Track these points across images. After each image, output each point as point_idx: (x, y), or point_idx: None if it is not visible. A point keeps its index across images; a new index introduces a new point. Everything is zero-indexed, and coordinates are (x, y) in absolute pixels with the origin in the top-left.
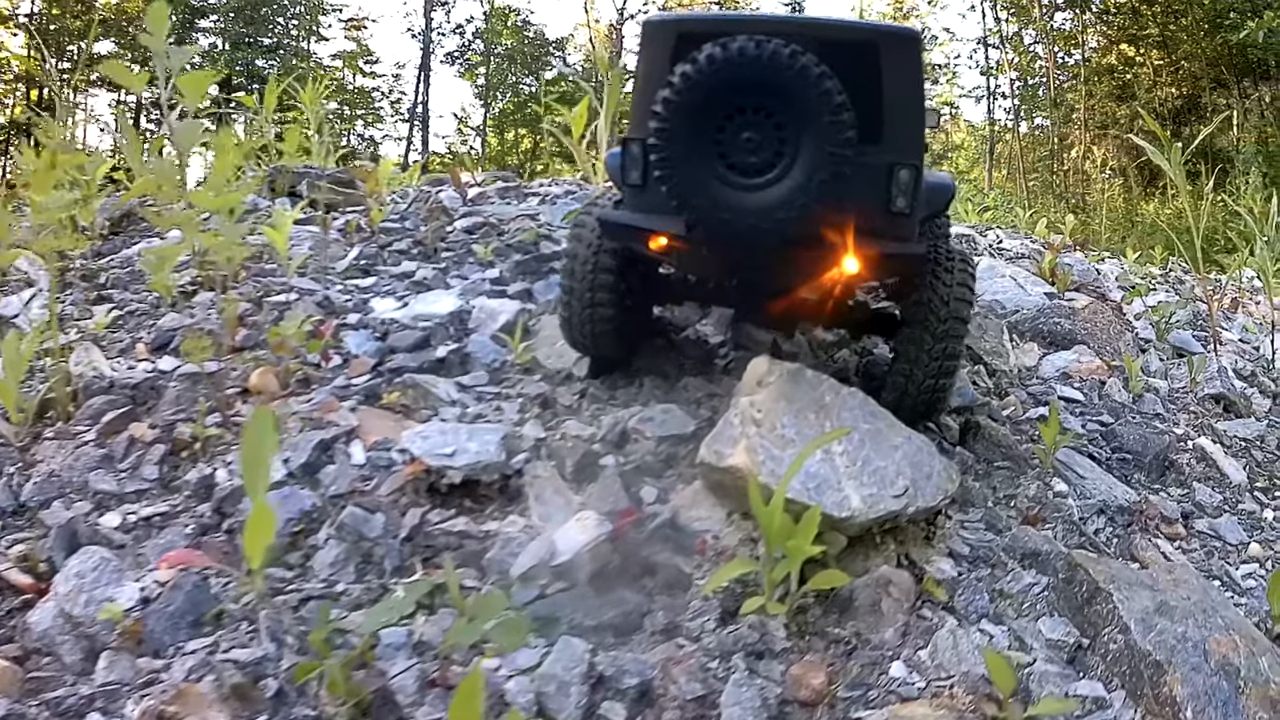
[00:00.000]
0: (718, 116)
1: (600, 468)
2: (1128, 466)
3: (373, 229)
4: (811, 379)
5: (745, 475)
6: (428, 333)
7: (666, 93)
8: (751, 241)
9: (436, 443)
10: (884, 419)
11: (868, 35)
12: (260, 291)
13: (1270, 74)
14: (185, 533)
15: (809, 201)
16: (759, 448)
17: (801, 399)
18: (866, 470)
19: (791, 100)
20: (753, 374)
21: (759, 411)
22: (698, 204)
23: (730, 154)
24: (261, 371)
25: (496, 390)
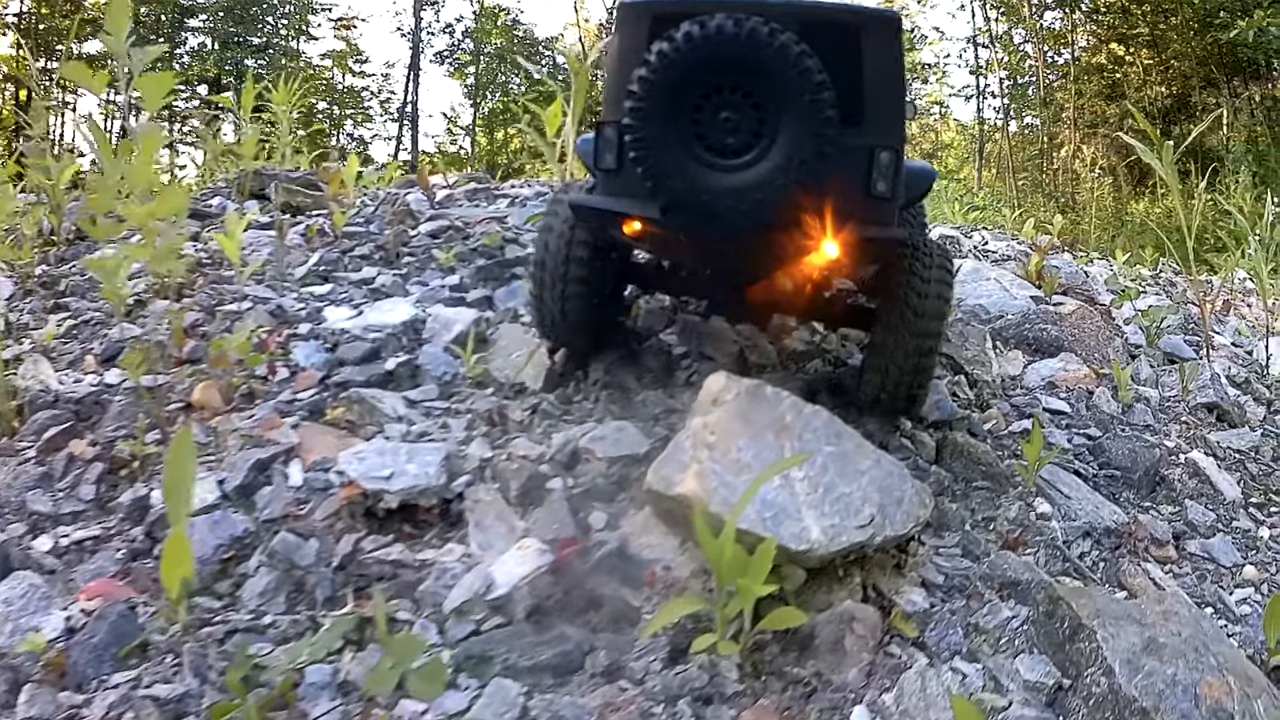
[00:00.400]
0: (695, 96)
1: (547, 491)
2: (1116, 484)
3: (335, 233)
4: (772, 397)
5: (694, 504)
6: (378, 344)
7: (643, 72)
8: (729, 224)
9: (374, 464)
10: (851, 440)
11: (848, 17)
12: (214, 300)
13: (1260, 73)
14: (116, 557)
15: (788, 183)
16: (711, 473)
17: (760, 419)
18: (829, 498)
19: (770, 79)
20: (708, 392)
21: (712, 433)
22: (674, 186)
23: (708, 134)
24: (205, 386)
25: (445, 405)
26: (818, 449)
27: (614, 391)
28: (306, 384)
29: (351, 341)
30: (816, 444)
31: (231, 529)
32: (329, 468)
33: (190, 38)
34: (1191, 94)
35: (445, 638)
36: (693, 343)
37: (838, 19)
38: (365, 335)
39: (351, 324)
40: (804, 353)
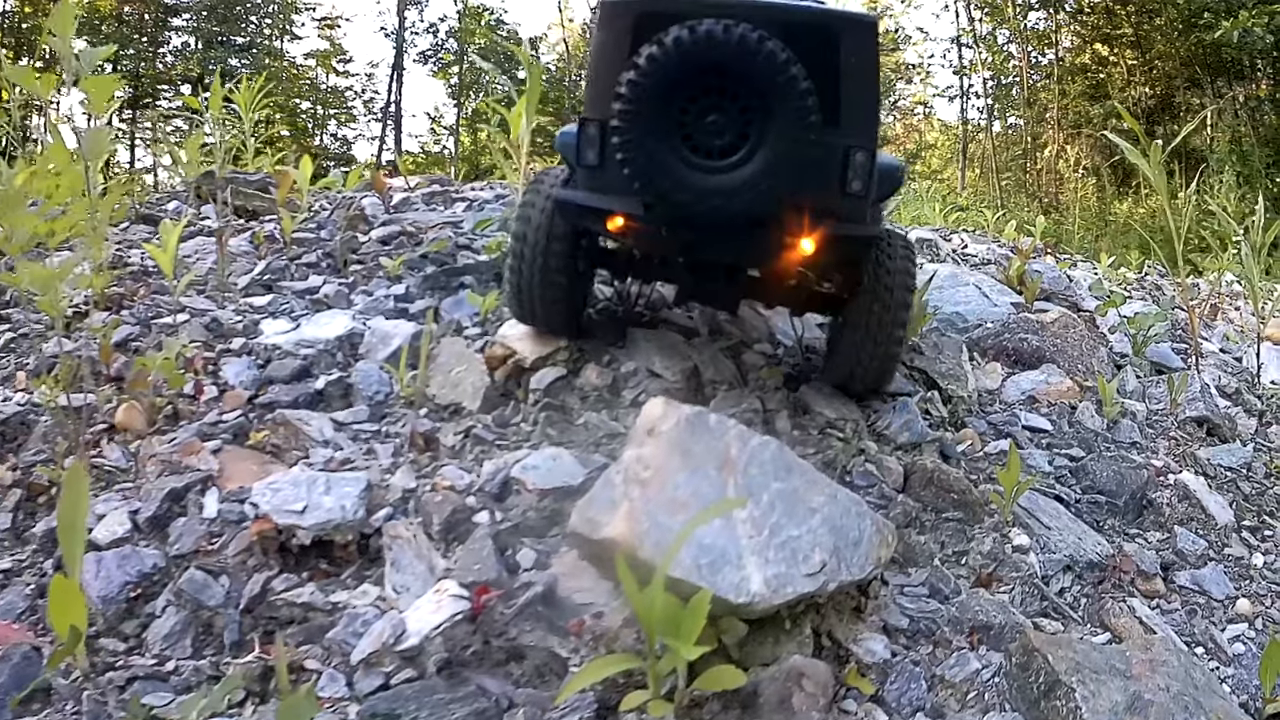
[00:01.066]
0: (682, 99)
1: (473, 525)
2: (1100, 510)
3: (285, 240)
4: (715, 426)
5: (622, 550)
6: (310, 360)
7: (632, 74)
8: (713, 223)
9: (288, 496)
10: (803, 474)
11: (827, 20)
12: (151, 313)
13: (1243, 74)
14: (26, 593)
15: (773, 185)
16: (643, 514)
17: (701, 451)
18: (775, 541)
19: (757, 84)
20: (645, 420)
21: (646, 468)
22: (661, 186)
23: (694, 136)
24: (127, 408)
25: (375, 428)
26: (764, 485)
27: (554, 413)
28: (233, 404)
29: (283, 358)
30: (764, 479)
31: (140, 565)
32: (245, 498)
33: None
34: (1175, 94)
35: (353, 690)
36: (641, 358)
37: (817, 22)
38: (297, 351)
39: (286, 338)
40: (763, 367)
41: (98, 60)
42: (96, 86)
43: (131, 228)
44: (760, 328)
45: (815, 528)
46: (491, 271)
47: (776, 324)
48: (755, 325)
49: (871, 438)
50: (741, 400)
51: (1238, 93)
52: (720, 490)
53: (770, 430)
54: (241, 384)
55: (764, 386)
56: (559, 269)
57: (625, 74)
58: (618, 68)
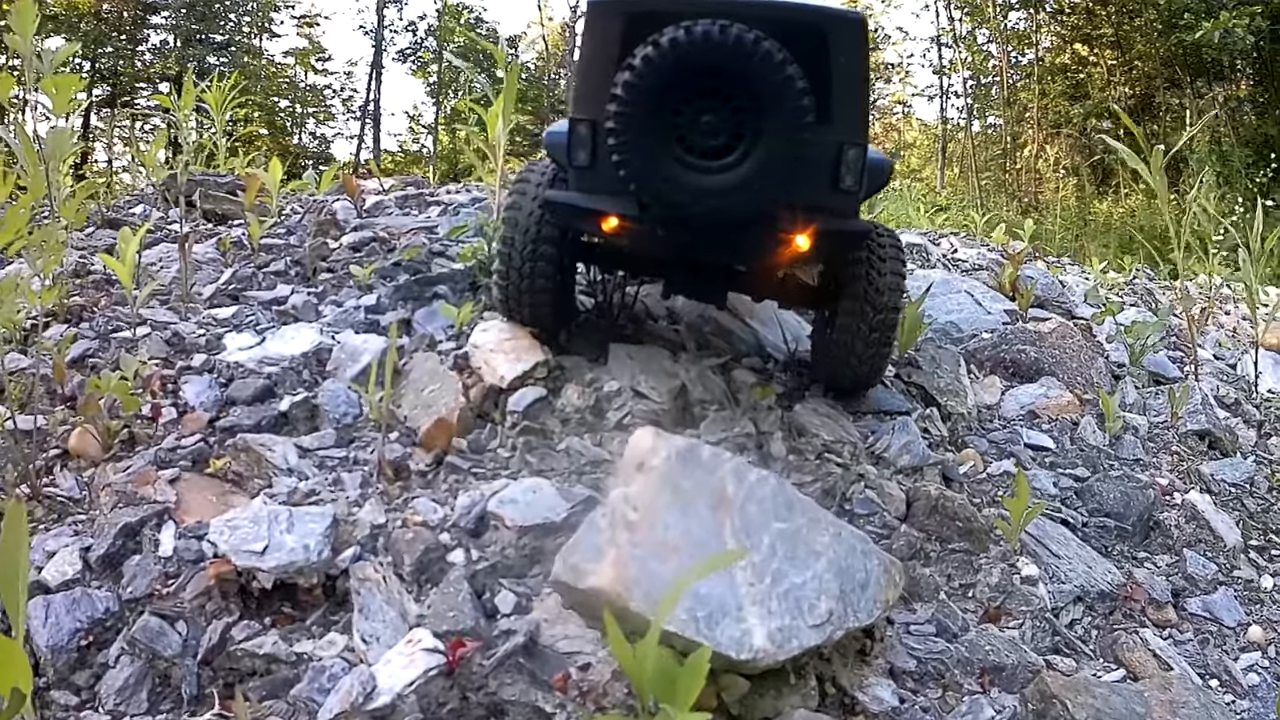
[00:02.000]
0: (677, 100)
1: (447, 565)
2: (1109, 534)
3: (253, 246)
4: (709, 460)
5: (612, 601)
6: (274, 379)
7: (627, 75)
8: (708, 223)
9: (247, 535)
10: (805, 512)
11: (816, 17)
12: (110, 326)
13: (1223, 74)
14: None
15: (768, 184)
16: (632, 560)
17: (694, 489)
18: (778, 590)
19: (753, 85)
20: (633, 453)
21: (635, 508)
22: (656, 187)
23: (689, 137)
24: (80, 432)
25: (342, 454)
26: (764, 526)
27: (533, 438)
28: (193, 428)
29: (245, 376)
30: (763, 519)
31: (92, 609)
32: (203, 534)
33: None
34: (1155, 94)
35: None
36: (625, 376)
37: (807, 20)
38: (260, 369)
39: (249, 355)
40: (754, 385)
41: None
42: (58, 87)
43: (96, 232)
44: (749, 340)
45: (820, 573)
46: (467, 281)
47: (766, 336)
48: (743, 338)
49: (870, 460)
50: (734, 423)
51: (1217, 93)
52: (716, 532)
53: (765, 455)
54: (202, 405)
55: (756, 406)
56: (547, 268)
57: (620, 75)
58: (607, 67)
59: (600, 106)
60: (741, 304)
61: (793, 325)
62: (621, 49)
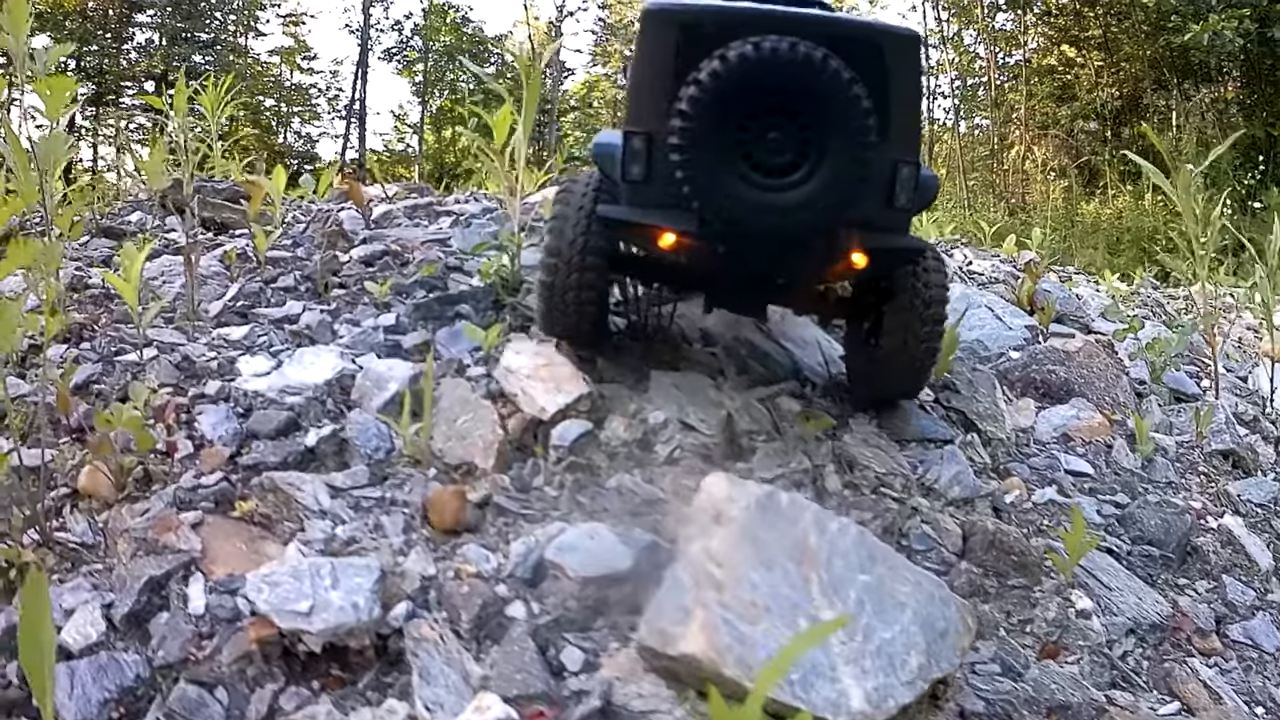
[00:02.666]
0: (743, 116)
1: (508, 620)
2: (1153, 563)
3: (259, 259)
4: (788, 509)
5: (705, 669)
6: (297, 410)
7: (693, 91)
8: (772, 240)
9: (288, 592)
10: (885, 561)
11: (875, 34)
12: (114, 347)
13: (1210, 76)
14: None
15: (831, 202)
16: (722, 623)
17: (776, 542)
18: (869, 648)
19: (821, 104)
20: (709, 502)
21: (718, 565)
22: (720, 204)
23: (754, 154)
24: (90, 471)
25: (378, 495)
26: (849, 580)
27: (581, 475)
28: (212, 463)
29: (266, 407)
30: (848, 573)
31: (121, 676)
32: (236, 588)
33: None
34: (1143, 96)
35: None
36: (670, 406)
37: (867, 36)
38: (282, 399)
39: (267, 383)
40: (799, 412)
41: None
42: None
43: (92, 242)
44: (786, 363)
45: (907, 625)
46: (489, 299)
47: (802, 359)
48: (780, 361)
49: (921, 492)
50: (787, 457)
51: (1204, 95)
52: (803, 589)
53: (820, 491)
54: (220, 439)
55: (804, 437)
56: (593, 281)
57: (686, 89)
58: (663, 79)
59: (655, 119)
60: (775, 324)
61: (827, 347)
62: (678, 61)
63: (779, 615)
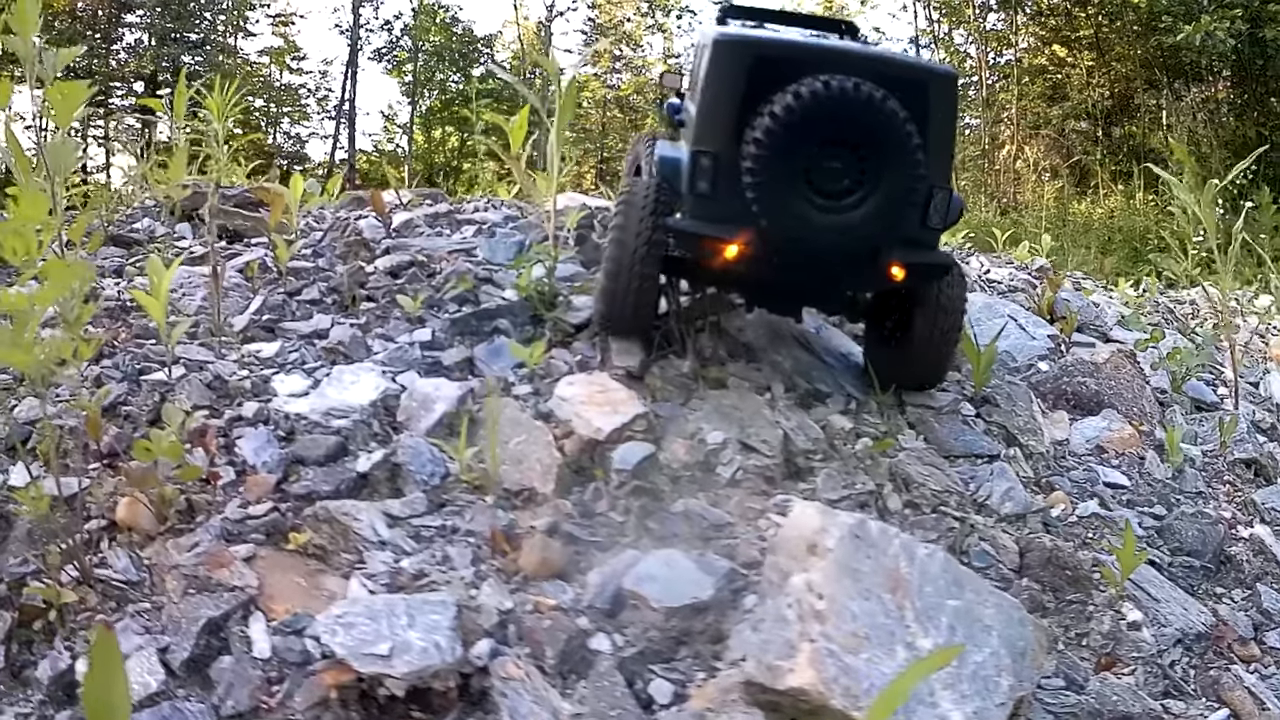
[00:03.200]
0: (811, 145)
1: (592, 654)
2: (1194, 574)
3: (280, 270)
4: (879, 538)
5: (813, 700)
6: (344, 434)
7: (768, 122)
8: (829, 255)
9: (365, 634)
10: (970, 584)
11: (921, 73)
12: (138, 364)
13: (1201, 76)
14: None
15: (881, 223)
16: (827, 655)
17: (870, 571)
18: (964, 672)
19: (878, 138)
20: (800, 533)
21: (820, 596)
22: (786, 222)
23: (816, 179)
24: (129, 502)
25: (439, 523)
26: (940, 606)
27: (645, 499)
28: (258, 491)
29: (310, 431)
30: (938, 599)
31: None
32: (303, 628)
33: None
34: (1134, 95)
35: None
36: (726, 426)
37: (913, 75)
38: (327, 423)
39: (308, 406)
40: (852, 430)
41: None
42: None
43: (101, 250)
44: (829, 379)
45: (995, 648)
46: (526, 314)
47: (844, 373)
48: (824, 376)
49: (975, 509)
50: (849, 478)
51: (1195, 95)
52: (899, 617)
53: (883, 511)
54: (265, 465)
55: (859, 456)
56: (651, 287)
57: (760, 120)
58: (732, 105)
59: (723, 141)
60: (814, 338)
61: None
62: (748, 88)
63: (878, 644)
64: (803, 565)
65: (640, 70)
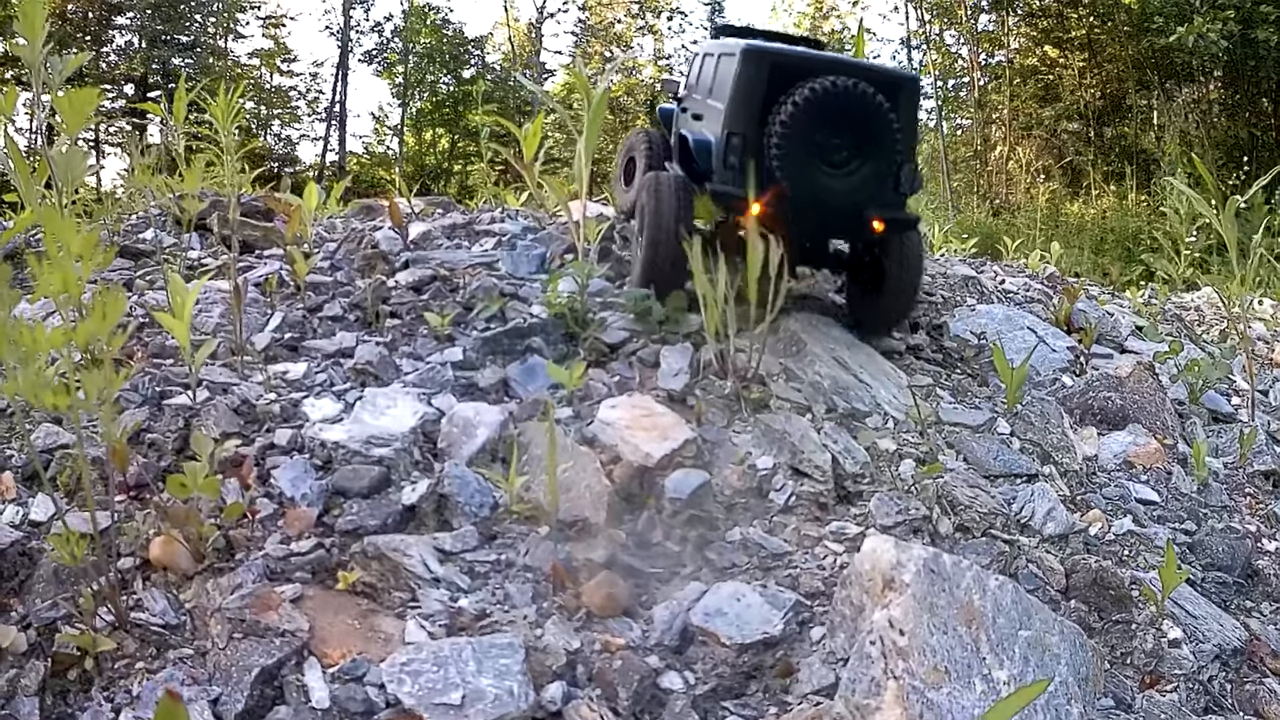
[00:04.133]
0: (820, 127)
1: (664, 693)
2: (1226, 589)
3: (298, 284)
4: (952, 570)
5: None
6: (386, 464)
7: (790, 109)
8: (828, 211)
9: (432, 681)
10: (1038, 614)
11: (896, 77)
12: (159, 386)
13: (1193, 76)
14: None
15: (869, 187)
16: (912, 692)
17: (946, 605)
18: (1039, 701)
19: (869, 124)
20: (875, 565)
21: (901, 632)
22: (803, 185)
23: (824, 153)
24: (164, 541)
25: (494, 558)
26: (1013, 637)
27: (700, 528)
28: (299, 526)
29: (350, 461)
30: (1011, 630)
31: None
32: (362, 675)
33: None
34: (1126, 96)
35: None
36: (776, 450)
37: (891, 79)
38: (367, 451)
39: (345, 433)
40: (895, 451)
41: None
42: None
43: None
44: (865, 398)
45: (1064, 676)
46: (559, 332)
47: (879, 392)
48: (860, 395)
49: (1018, 530)
50: (901, 502)
51: (1187, 95)
52: (975, 650)
53: (936, 536)
54: (304, 498)
55: (902, 477)
56: (685, 252)
57: (784, 108)
58: (756, 99)
59: (749, 125)
60: (850, 362)
61: (895, 376)
62: (768, 87)
63: (958, 678)
64: (881, 601)
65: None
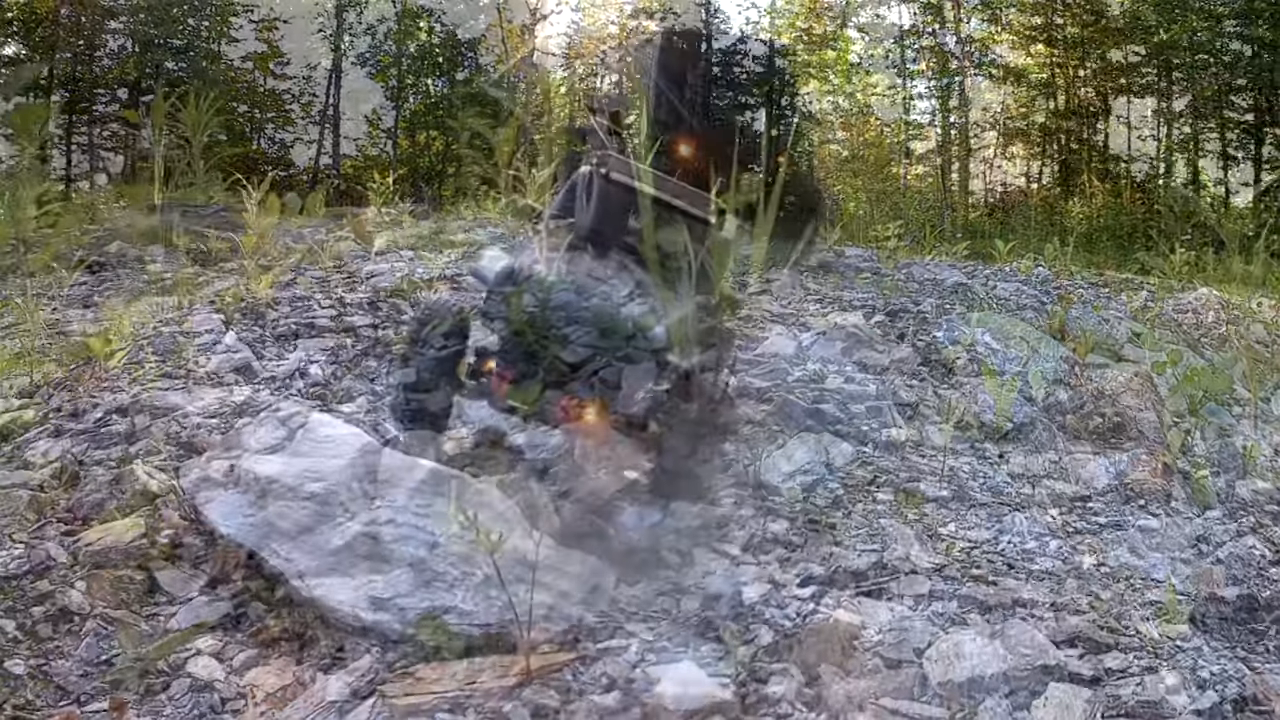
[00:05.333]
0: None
1: None
2: (1228, 624)
3: (255, 300)
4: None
5: None
6: (322, 500)
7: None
8: None
9: None
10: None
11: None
12: (101, 414)
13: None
14: None
15: None
16: None
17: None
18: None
19: None
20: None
21: (859, 709)
22: None
23: None
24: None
25: (424, 605)
26: None
27: (672, 589)
28: (228, 566)
29: (283, 498)
30: None
31: None
32: None
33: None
34: (1119, 94)
35: None
36: (744, 487)
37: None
38: (300, 487)
39: (280, 464)
40: (869, 480)
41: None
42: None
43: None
44: (841, 418)
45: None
46: (519, 350)
47: (857, 413)
48: (836, 416)
49: (1005, 567)
50: (878, 540)
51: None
52: None
53: (914, 574)
54: (233, 533)
55: (877, 510)
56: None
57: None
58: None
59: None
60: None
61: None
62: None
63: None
64: (843, 673)
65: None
